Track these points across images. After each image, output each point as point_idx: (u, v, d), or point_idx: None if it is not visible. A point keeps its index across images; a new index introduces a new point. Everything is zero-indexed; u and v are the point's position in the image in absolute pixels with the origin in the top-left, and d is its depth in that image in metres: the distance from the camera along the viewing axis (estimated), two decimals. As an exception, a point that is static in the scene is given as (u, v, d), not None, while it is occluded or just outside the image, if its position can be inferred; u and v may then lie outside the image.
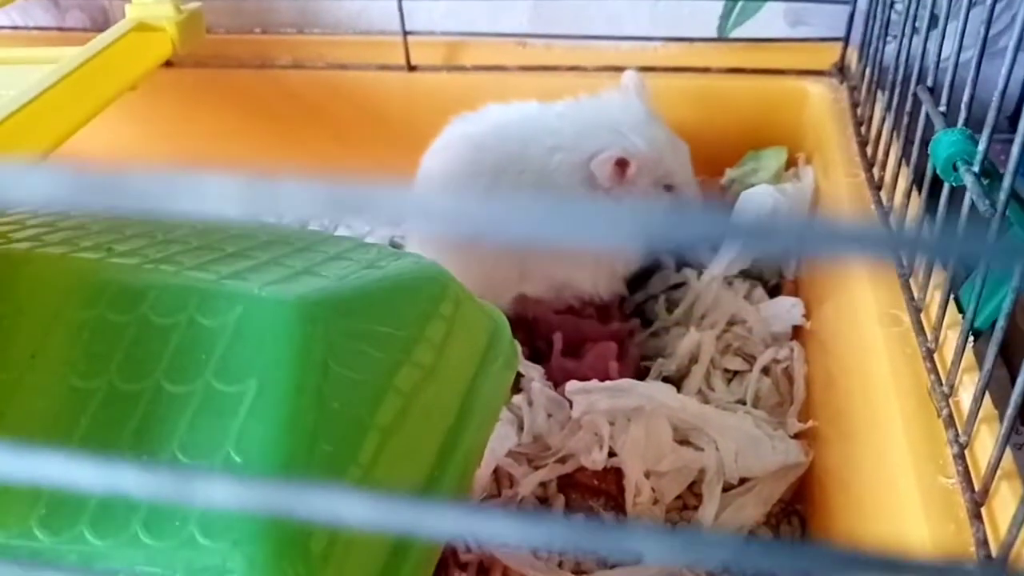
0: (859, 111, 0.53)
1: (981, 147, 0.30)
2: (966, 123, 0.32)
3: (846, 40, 0.58)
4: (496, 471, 0.45)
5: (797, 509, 0.45)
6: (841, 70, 0.59)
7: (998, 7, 0.32)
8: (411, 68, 0.64)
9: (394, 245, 0.67)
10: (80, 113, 0.38)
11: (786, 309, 0.52)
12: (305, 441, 0.27)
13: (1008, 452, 0.28)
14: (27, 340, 0.29)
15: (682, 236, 0.12)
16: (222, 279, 0.29)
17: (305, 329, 0.28)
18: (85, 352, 0.29)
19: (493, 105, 0.55)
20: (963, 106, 0.32)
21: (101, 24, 0.76)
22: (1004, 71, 0.28)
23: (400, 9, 0.62)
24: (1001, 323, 0.27)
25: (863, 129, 0.51)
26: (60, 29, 0.76)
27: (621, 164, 0.50)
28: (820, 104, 0.58)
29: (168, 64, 0.60)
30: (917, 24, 0.43)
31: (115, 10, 0.74)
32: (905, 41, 0.43)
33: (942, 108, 0.35)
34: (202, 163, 0.72)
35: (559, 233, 0.12)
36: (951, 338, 0.34)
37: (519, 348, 0.50)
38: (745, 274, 0.56)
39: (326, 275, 0.31)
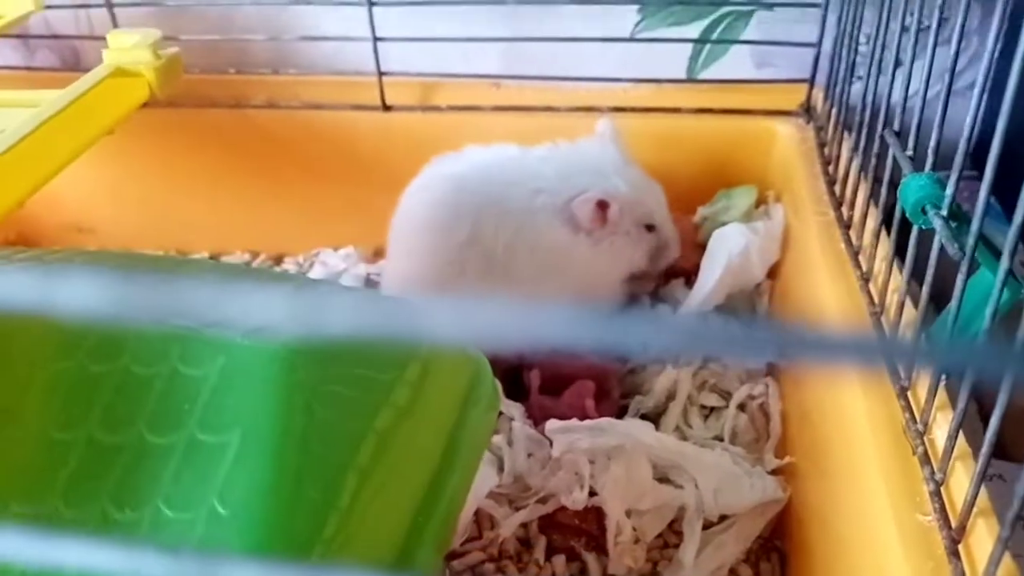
0: (826, 151, 0.54)
1: (949, 191, 0.31)
2: (934, 167, 0.33)
3: (812, 81, 0.60)
4: (477, 513, 0.45)
5: (776, 545, 0.46)
6: (807, 110, 0.60)
7: (946, 50, 0.33)
8: (386, 108, 0.64)
9: (369, 283, 0.67)
10: (59, 158, 0.38)
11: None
12: (290, 489, 0.27)
13: (983, 490, 0.28)
14: (5, 393, 0.29)
15: (663, 343, 0.12)
16: (203, 327, 0.29)
17: (289, 376, 0.28)
18: (64, 403, 0.28)
19: (473, 147, 0.55)
20: (930, 151, 0.33)
21: (71, 64, 0.75)
22: (969, 119, 0.29)
23: (375, 50, 0.63)
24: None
25: (831, 168, 0.52)
26: (29, 68, 0.76)
27: (602, 205, 0.51)
28: (788, 144, 0.59)
29: (142, 104, 0.60)
30: (881, 65, 0.44)
31: (86, 50, 0.74)
32: (871, 82, 0.44)
33: (909, 152, 0.36)
34: (176, 204, 0.71)
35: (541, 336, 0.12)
36: (924, 376, 0.35)
37: (500, 388, 0.50)
38: (720, 309, 0.56)
39: (308, 321, 0.31)
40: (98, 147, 0.49)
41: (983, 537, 0.28)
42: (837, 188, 0.50)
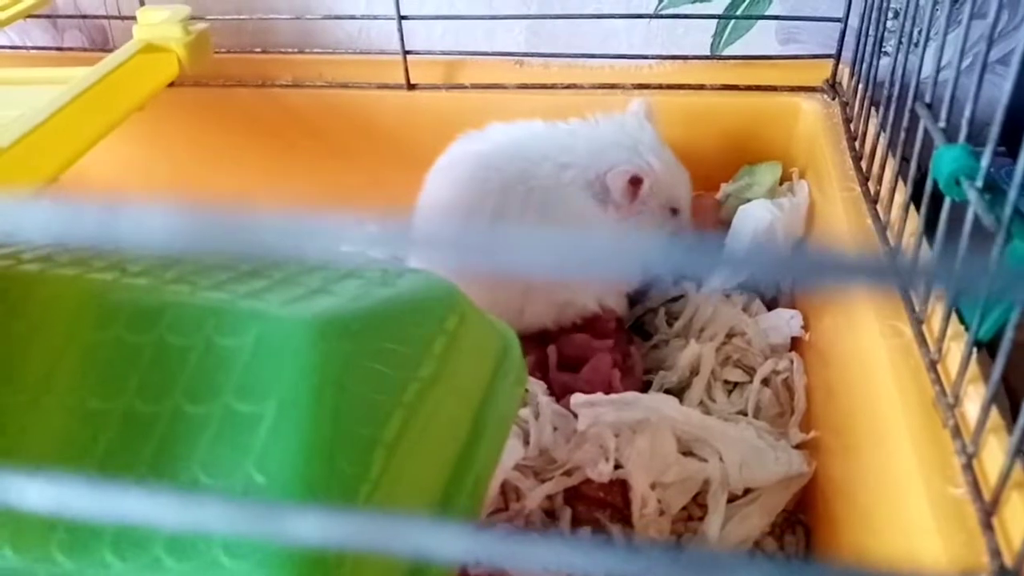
0: (852, 127, 0.53)
1: (984, 162, 0.30)
2: (967, 138, 0.32)
3: (838, 57, 0.59)
4: (503, 484, 0.45)
5: (801, 519, 0.45)
6: (833, 86, 0.59)
7: (983, 25, 0.32)
8: (410, 87, 0.64)
9: (394, 261, 0.67)
10: (90, 134, 0.38)
11: (784, 321, 0.52)
12: (325, 460, 0.27)
13: (1018, 462, 0.28)
14: (41, 361, 0.29)
15: (684, 266, 0.12)
16: (238, 299, 0.29)
17: (323, 348, 0.28)
18: (101, 373, 0.28)
19: (497, 124, 0.55)
20: (964, 122, 0.32)
21: (100, 44, 0.75)
22: (1008, 87, 0.28)
23: (399, 29, 0.62)
24: (1010, 334, 0.27)
25: (857, 144, 0.51)
26: (59, 49, 0.75)
27: (634, 182, 0.51)
28: (813, 119, 0.58)
29: (169, 84, 0.60)
30: (911, 40, 0.43)
31: (115, 30, 0.74)
32: (900, 57, 0.43)
33: (941, 124, 0.35)
34: (203, 182, 0.71)
35: (559, 262, 0.12)
36: (954, 350, 0.34)
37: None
38: (743, 287, 0.56)
39: (340, 293, 0.31)
40: (127, 125, 0.49)
41: (1018, 510, 0.27)
42: (863, 164, 0.49)
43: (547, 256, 0.11)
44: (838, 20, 0.57)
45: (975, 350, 0.32)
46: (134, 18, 0.54)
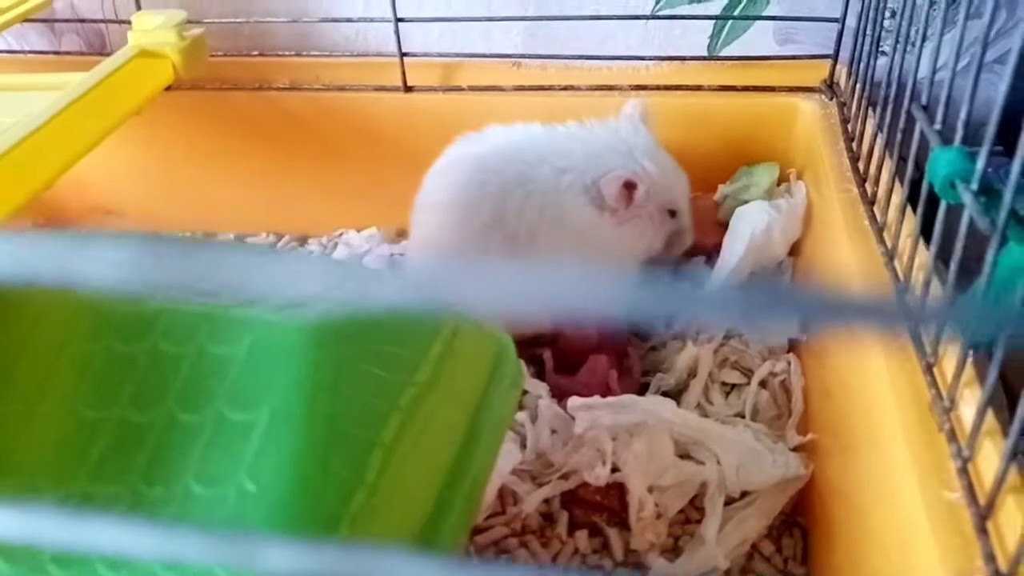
0: (850, 127, 0.53)
1: (980, 165, 0.30)
2: (963, 140, 0.32)
3: (835, 57, 0.59)
4: (500, 489, 0.45)
5: (798, 521, 0.45)
6: (831, 87, 0.59)
7: (975, 24, 0.32)
8: (408, 89, 0.64)
9: (393, 264, 0.67)
10: (86, 139, 0.38)
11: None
12: (318, 465, 0.27)
13: (1013, 467, 0.28)
14: (34, 372, 0.29)
15: (686, 310, 0.12)
16: (231, 306, 0.29)
17: (317, 354, 0.28)
18: (94, 382, 0.28)
19: (495, 126, 0.54)
20: (960, 124, 0.32)
21: (98, 48, 0.75)
22: (1003, 87, 0.28)
23: (396, 31, 0.62)
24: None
25: (854, 145, 0.51)
26: (56, 53, 0.75)
27: (629, 186, 0.50)
28: (810, 120, 0.58)
29: (166, 87, 0.60)
30: (908, 41, 0.43)
31: (112, 34, 0.74)
32: (897, 58, 0.43)
33: (937, 126, 0.35)
34: (202, 185, 0.71)
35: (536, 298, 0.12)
36: (950, 353, 0.34)
37: (524, 367, 0.49)
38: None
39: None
40: (124, 129, 0.49)
41: (1012, 514, 0.27)
42: (861, 165, 0.49)
43: (515, 293, 0.11)
44: (835, 20, 0.57)
45: (971, 352, 0.32)
46: (131, 22, 0.54)
